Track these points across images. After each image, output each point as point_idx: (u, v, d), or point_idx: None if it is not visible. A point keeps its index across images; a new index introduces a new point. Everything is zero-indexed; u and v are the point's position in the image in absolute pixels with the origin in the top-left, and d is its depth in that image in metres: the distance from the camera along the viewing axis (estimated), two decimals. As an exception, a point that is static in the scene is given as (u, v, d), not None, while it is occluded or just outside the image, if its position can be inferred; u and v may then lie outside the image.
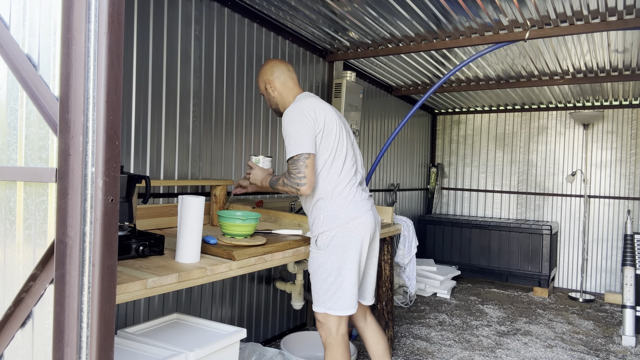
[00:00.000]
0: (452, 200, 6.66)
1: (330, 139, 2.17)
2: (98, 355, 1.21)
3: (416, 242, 4.23)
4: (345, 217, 2.16)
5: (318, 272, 2.18)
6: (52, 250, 1.28)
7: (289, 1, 2.99)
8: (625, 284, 3.94)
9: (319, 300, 2.19)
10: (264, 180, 2.29)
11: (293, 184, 2.08)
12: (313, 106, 2.16)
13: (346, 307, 2.16)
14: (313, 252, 2.22)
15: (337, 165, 2.19)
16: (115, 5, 1.21)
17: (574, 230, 5.81)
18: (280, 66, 2.33)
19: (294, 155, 2.07)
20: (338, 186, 2.18)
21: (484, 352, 3.55)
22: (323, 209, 2.18)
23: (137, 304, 2.48)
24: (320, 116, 2.15)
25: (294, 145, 2.08)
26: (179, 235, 1.80)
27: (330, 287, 2.15)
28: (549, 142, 6.00)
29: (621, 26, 2.97)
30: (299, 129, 2.09)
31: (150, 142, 2.55)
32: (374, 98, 5.02)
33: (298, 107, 2.15)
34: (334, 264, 2.15)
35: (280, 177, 2.16)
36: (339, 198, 2.18)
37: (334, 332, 2.18)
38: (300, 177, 2.06)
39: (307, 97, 2.26)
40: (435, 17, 3.14)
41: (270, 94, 2.35)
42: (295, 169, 2.07)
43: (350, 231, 2.16)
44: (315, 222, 2.21)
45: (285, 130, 2.14)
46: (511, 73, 4.52)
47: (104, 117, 1.21)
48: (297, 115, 2.12)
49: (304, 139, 2.08)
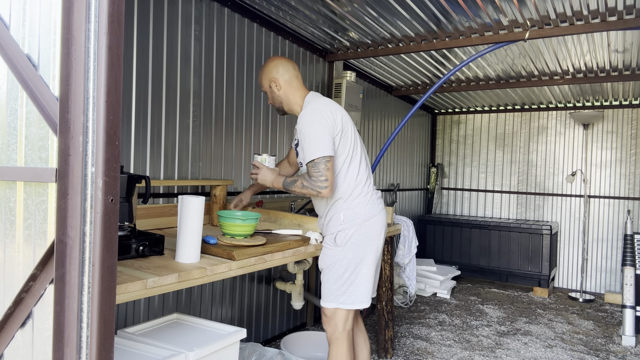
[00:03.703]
0: (452, 200, 6.66)
1: (347, 139, 2.21)
2: (98, 355, 1.21)
3: (416, 242, 4.23)
4: (365, 215, 2.23)
5: (334, 269, 2.22)
6: (52, 250, 1.28)
7: (289, 1, 2.99)
8: (625, 284, 3.94)
9: (330, 296, 2.23)
10: (275, 181, 2.27)
11: (314, 187, 2.10)
12: (329, 107, 2.19)
13: (359, 301, 2.22)
14: (329, 249, 2.25)
15: (354, 165, 2.24)
16: (115, 5, 1.21)
17: (574, 230, 5.81)
18: (286, 64, 2.30)
19: (315, 158, 2.09)
20: (358, 186, 2.24)
21: (484, 352, 3.55)
22: (343, 208, 2.23)
23: (137, 304, 2.48)
24: (338, 117, 2.18)
25: (314, 148, 2.09)
26: (179, 235, 1.80)
27: (345, 283, 2.21)
28: (549, 142, 6.00)
29: (621, 26, 2.97)
30: (319, 131, 2.10)
31: (150, 142, 2.55)
32: (374, 98, 5.01)
33: (315, 108, 2.16)
34: (352, 261, 2.21)
35: (299, 180, 2.16)
36: (358, 197, 2.23)
37: (340, 328, 2.22)
38: (322, 179, 2.08)
39: (319, 97, 2.27)
40: (435, 17, 3.14)
41: (274, 92, 2.31)
42: (316, 172, 2.09)
43: (368, 229, 2.23)
44: (333, 220, 2.24)
45: (303, 132, 2.14)
46: (511, 73, 4.52)
47: (104, 117, 1.21)
48: (316, 118, 2.13)
49: (324, 141, 2.10)
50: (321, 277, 2.30)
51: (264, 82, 2.33)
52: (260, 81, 2.35)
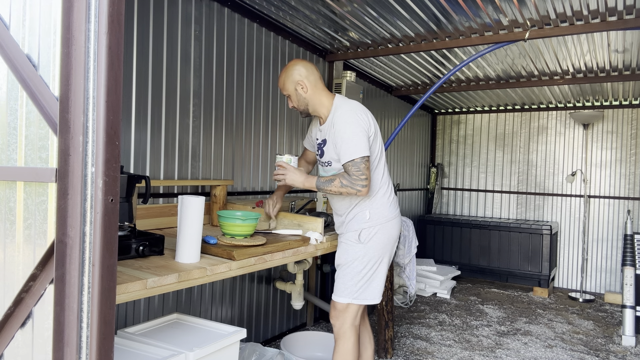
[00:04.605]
0: (452, 200, 6.66)
1: (377, 141, 2.29)
2: (98, 355, 1.21)
3: (416, 242, 4.23)
4: (388, 216, 2.31)
5: (353, 265, 2.26)
6: (52, 250, 1.28)
7: (289, 1, 2.99)
8: (625, 284, 3.94)
9: (345, 291, 2.26)
10: (306, 181, 2.25)
11: (354, 186, 2.14)
12: (363, 109, 2.27)
13: (371, 297, 2.29)
14: (350, 246, 2.28)
15: (381, 166, 2.32)
16: (115, 5, 1.21)
17: (574, 230, 5.81)
18: (310, 66, 2.29)
19: (356, 157, 2.13)
20: (382, 186, 2.31)
21: (484, 352, 3.55)
22: (368, 207, 2.28)
23: (137, 304, 2.48)
24: (371, 119, 2.27)
25: (354, 147, 2.13)
26: (179, 235, 1.80)
27: (361, 279, 2.26)
28: (549, 142, 6.00)
29: (621, 26, 2.97)
30: (358, 131, 2.16)
31: (150, 142, 2.55)
32: (374, 98, 5.01)
33: (352, 110, 2.22)
34: (372, 258, 2.27)
35: (336, 179, 2.17)
36: (383, 198, 2.31)
37: (349, 322, 2.26)
38: (363, 178, 2.13)
39: (347, 100, 2.32)
40: (435, 17, 3.14)
41: (301, 95, 2.27)
42: (357, 171, 2.13)
43: (389, 229, 2.31)
44: (358, 217, 2.29)
45: (341, 132, 2.17)
46: (511, 73, 4.52)
47: (104, 117, 1.21)
48: (353, 119, 2.18)
49: (363, 141, 2.15)
50: (337, 273, 2.34)
51: (288, 85, 2.28)
52: (283, 85, 2.29)
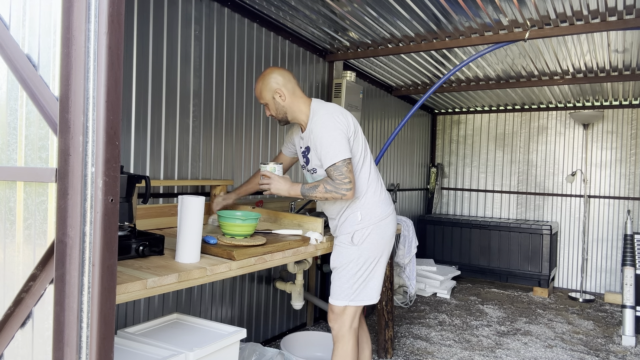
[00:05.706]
0: (452, 200, 6.66)
1: (359, 141, 2.26)
2: (98, 355, 1.21)
3: (416, 242, 4.23)
4: (380, 215, 2.28)
5: (348, 267, 2.25)
6: (52, 250, 1.28)
7: (289, 1, 2.99)
8: (625, 284, 3.94)
9: (341, 294, 2.25)
10: (291, 189, 2.23)
11: (339, 190, 2.11)
12: (340, 111, 2.23)
13: (368, 298, 2.28)
14: (344, 248, 2.27)
15: (366, 165, 2.29)
16: (115, 5, 1.21)
17: (574, 230, 5.81)
18: (286, 74, 2.27)
19: (337, 161, 2.11)
20: (371, 186, 2.28)
21: (484, 352, 3.55)
22: (359, 208, 2.26)
23: (137, 304, 2.48)
24: (350, 120, 2.23)
25: (334, 151, 2.11)
26: (179, 235, 1.80)
27: (357, 281, 2.24)
28: (549, 142, 6.00)
29: (621, 26, 2.97)
30: (336, 134, 2.13)
31: (150, 142, 2.55)
32: (374, 98, 5.01)
33: (328, 113, 2.18)
34: (368, 259, 2.25)
35: (320, 185, 2.15)
36: (374, 197, 2.28)
37: (347, 325, 2.25)
38: (346, 182, 2.11)
39: (324, 103, 2.30)
40: (435, 17, 3.14)
41: (279, 103, 2.26)
42: (340, 175, 2.11)
43: (383, 228, 2.28)
44: (349, 220, 2.27)
45: (319, 138, 2.15)
46: (511, 73, 4.52)
47: (104, 117, 1.21)
48: (331, 122, 2.15)
49: (342, 144, 2.12)
50: (332, 275, 2.32)
51: (265, 94, 2.26)
52: (260, 94, 2.27)
